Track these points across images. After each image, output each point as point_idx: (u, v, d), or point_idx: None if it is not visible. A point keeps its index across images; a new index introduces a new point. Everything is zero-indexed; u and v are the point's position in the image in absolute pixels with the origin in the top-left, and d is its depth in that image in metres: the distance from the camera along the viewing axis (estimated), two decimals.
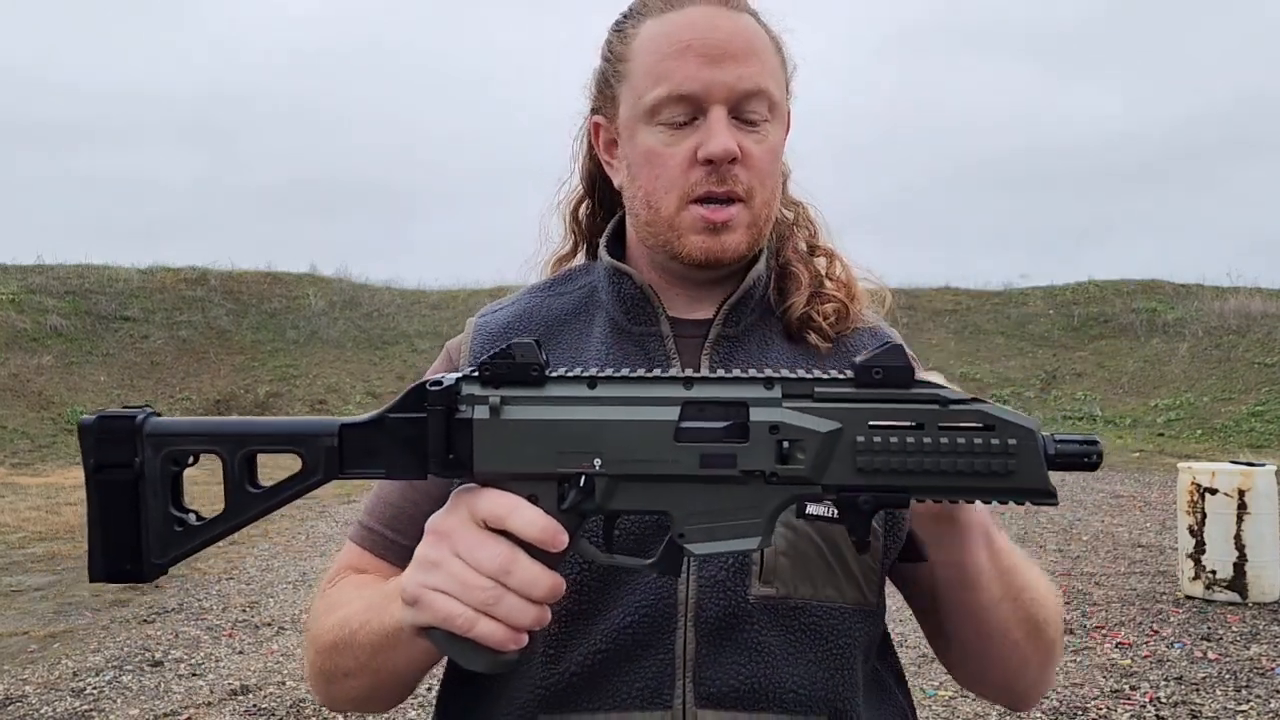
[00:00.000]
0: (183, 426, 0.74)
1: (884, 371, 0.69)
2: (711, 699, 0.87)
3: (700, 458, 0.69)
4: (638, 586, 0.89)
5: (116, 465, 0.72)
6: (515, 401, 0.71)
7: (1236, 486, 6.06)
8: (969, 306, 23.95)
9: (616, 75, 0.96)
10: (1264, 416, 16.59)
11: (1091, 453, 0.69)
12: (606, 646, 0.88)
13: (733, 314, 0.98)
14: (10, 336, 18.68)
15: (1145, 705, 4.30)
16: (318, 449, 0.73)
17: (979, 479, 0.68)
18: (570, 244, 1.11)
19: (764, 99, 0.91)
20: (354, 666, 0.87)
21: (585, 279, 1.06)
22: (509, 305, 1.06)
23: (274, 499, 0.74)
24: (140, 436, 0.72)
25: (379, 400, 19.81)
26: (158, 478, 0.72)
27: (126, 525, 0.72)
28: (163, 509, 0.73)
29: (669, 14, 0.93)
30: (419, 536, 0.95)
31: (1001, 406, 0.69)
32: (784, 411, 0.69)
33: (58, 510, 10.11)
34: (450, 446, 0.72)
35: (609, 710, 0.88)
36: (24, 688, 4.75)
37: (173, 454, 0.73)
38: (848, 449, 0.68)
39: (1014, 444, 0.67)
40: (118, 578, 0.73)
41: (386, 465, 0.73)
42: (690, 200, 0.91)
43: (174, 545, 0.73)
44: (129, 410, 0.73)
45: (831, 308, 0.99)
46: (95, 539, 0.73)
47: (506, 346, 0.72)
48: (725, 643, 0.88)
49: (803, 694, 0.89)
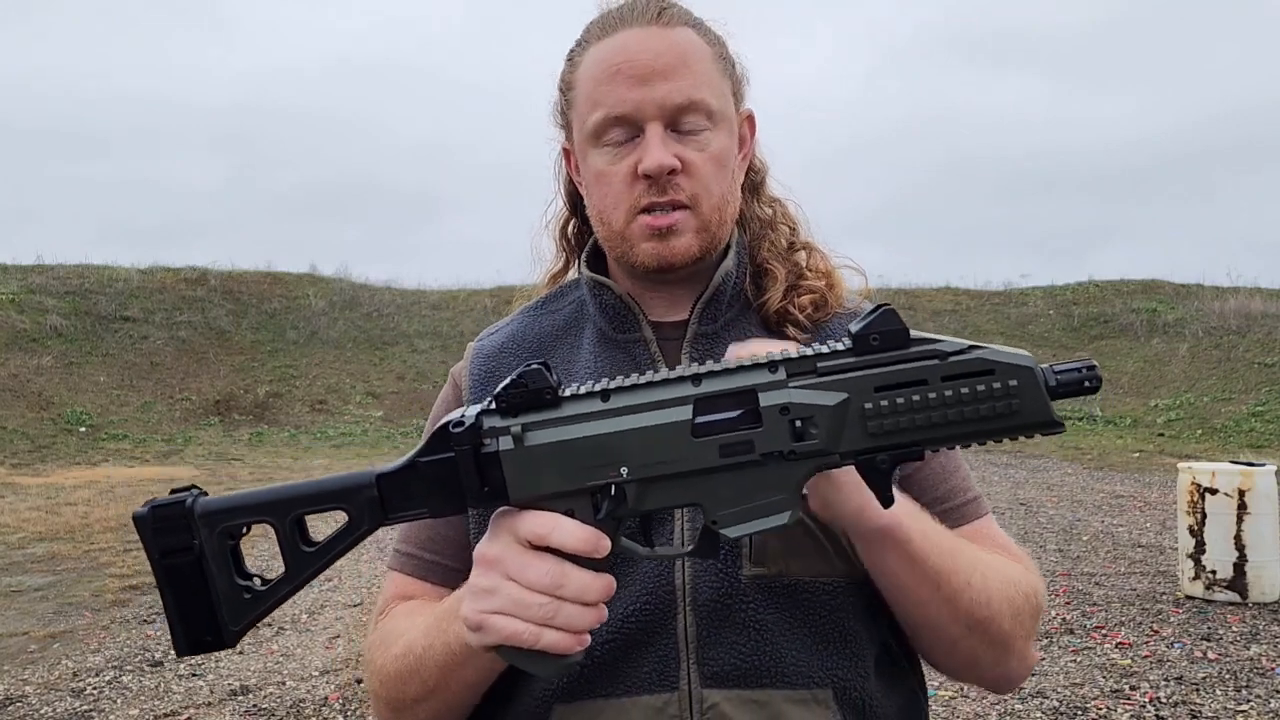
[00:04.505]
0: (232, 502, 0.77)
1: (881, 336, 0.71)
2: (716, 678, 0.90)
3: (720, 448, 0.72)
4: (637, 576, 0.92)
5: (178, 550, 0.76)
6: (536, 427, 0.74)
7: (1236, 486, 6.06)
8: (969, 306, 23.96)
9: (568, 103, 1.02)
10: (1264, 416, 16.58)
11: (1090, 377, 0.72)
12: (613, 635, 0.91)
13: (707, 311, 1.01)
14: (10, 336, 18.68)
15: (1145, 705, 4.29)
16: (360, 501, 0.76)
17: (986, 422, 0.70)
18: (562, 261, 1.15)
19: (699, 109, 0.94)
20: (423, 692, 0.91)
21: (574, 294, 1.10)
22: (504, 327, 1.11)
23: (329, 554, 0.78)
24: (193, 519, 0.76)
25: (379, 400, 19.85)
26: (217, 553, 0.76)
27: (199, 602, 0.76)
28: (228, 580, 0.76)
29: (605, 40, 0.97)
30: (455, 554, 1.01)
31: (999, 348, 0.71)
32: (791, 391, 0.72)
33: (58, 510, 10.11)
34: (483, 480, 0.75)
35: (620, 696, 0.91)
36: (24, 688, 4.75)
37: (227, 529, 0.76)
38: (857, 416, 0.71)
39: (1015, 384, 0.70)
40: (203, 649, 0.78)
41: (428, 506, 0.77)
42: (637, 211, 0.95)
43: (245, 611, 0.77)
44: (178, 496, 0.77)
45: (809, 299, 1.02)
46: (174, 618, 0.76)
47: (519, 375, 0.74)
48: (724, 624, 0.91)
49: (805, 669, 0.91)
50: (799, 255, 1.06)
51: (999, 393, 0.70)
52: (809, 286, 1.03)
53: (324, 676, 4.89)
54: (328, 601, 6.39)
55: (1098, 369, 0.72)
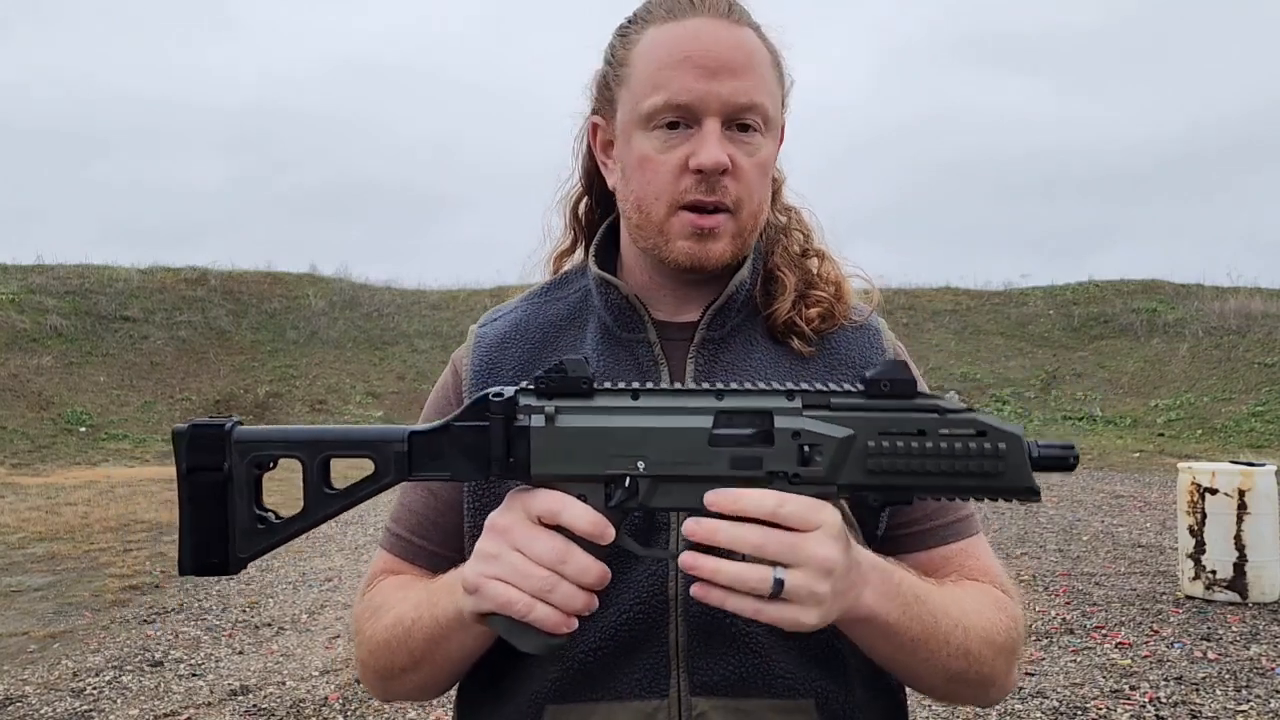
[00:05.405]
0: (268, 434, 0.80)
1: (891, 384, 0.78)
2: (705, 688, 0.92)
3: (731, 460, 0.77)
4: (632, 584, 0.93)
5: (207, 469, 0.79)
6: (568, 411, 0.78)
7: (1236, 486, 6.06)
8: (969, 306, 23.95)
9: (617, 79, 0.99)
10: (1264, 416, 16.59)
11: (1069, 456, 0.78)
12: (606, 641, 0.93)
13: (717, 318, 1.01)
14: (10, 336, 18.68)
15: (1145, 705, 4.29)
16: (389, 454, 0.79)
17: (972, 479, 0.77)
18: (570, 239, 1.14)
19: (758, 113, 0.94)
20: (410, 662, 0.93)
21: (580, 282, 1.09)
22: (507, 314, 1.10)
23: (349, 499, 0.80)
24: (229, 443, 0.79)
25: (379, 400, 19.85)
26: (243, 480, 0.79)
27: (215, 523, 0.79)
28: (248, 509, 0.79)
29: (671, 23, 0.95)
30: (443, 542, 1.03)
31: (992, 415, 0.78)
32: (804, 420, 0.77)
33: (58, 510, 10.11)
34: (510, 451, 0.78)
35: (611, 700, 0.93)
36: (24, 688, 4.75)
37: (257, 459, 0.79)
38: (860, 453, 0.77)
39: (1003, 448, 0.76)
40: (205, 571, 0.79)
41: (451, 468, 0.80)
42: (680, 206, 0.94)
43: (257, 541, 0.79)
44: (218, 420, 0.80)
45: (816, 311, 1.03)
46: (185, 536, 0.79)
47: (560, 362, 0.79)
48: (714, 635, 0.93)
49: (790, 680, 0.93)
50: (811, 262, 1.07)
51: (988, 453, 0.76)
52: (817, 297, 1.03)
53: (324, 676, 4.89)
54: (328, 601, 6.39)
55: (1075, 449, 0.79)
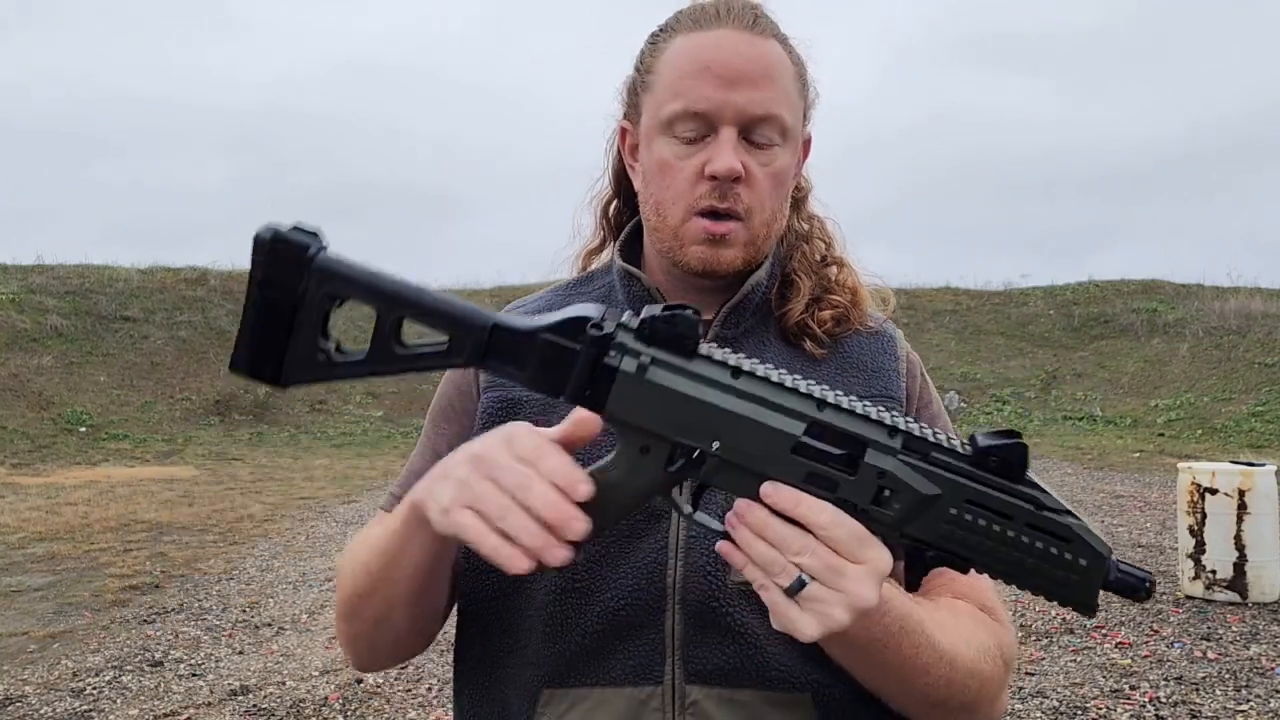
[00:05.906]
0: (353, 273, 0.74)
1: (999, 462, 0.72)
2: (699, 676, 0.93)
3: (807, 473, 0.73)
4: (630, 570, 0.95)
5: (281, 285, 0.73)
6: (662, 365, 0.73)
7: (1236, 486, 6.06)
8: (969, 306, 23.96)
9: (643, 85, 1.02)
10: (1264, 416, 16.59)
11: (1143, 584, 0.74)
12: (602, 626, 0.94)
13: (731, 316, 1.03)
14: (10, 336, 18.68)
15: (1145, 705, 4.30)
16: (466, 335, 0.74)
17: (1039, 579, 0.73)
18: (599, 239, 1.17)
19: (775, 124, 0.96)
20: (369, 586, 0.93)
21: (605, 279, 1.12)
22: (532, 304, 1.12)
23: (412, 364, 0.75)
24: (308, 268, 0.72)
25: (378, 400, 19.85)
26: (313, 309, 0.73)
27: (278, 336, 0.74)
28: (311, 336, 0.74)
29: (697, 33, 0.97)
30: None
31: (1086, 526, 0.73)
32: (897, 463, 0.73)
33: (58, 510, 10.11)
34: (590, 384, 0.74)
35: (605, 685, 0.94)
36: (24, 688, 4.75)
37: (333, 292, 0.73)
38: (939, 514, 0.72)
39: (1083, 564, 0.72)
40: (255, 376, 0.75)
41: (525, 374, 0.75)
42: (695, 212, 0.96)
43: (312, 370, 0.75)
44: (303, 238, 0.72)
45: (829, 314, 1.04)
46: (245, 336, 0.74)
47: (671, 310, 0.73)
48: (710, 625, 0.93)
49: (786, 673, 0.93)
50: (829, 270, 1.09)
51: (1066, 563, 0.72)
52: (832, 301, 1.05)
53: (324, 676, 4.89)
54: (328, 601, 6.39)
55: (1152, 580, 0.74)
